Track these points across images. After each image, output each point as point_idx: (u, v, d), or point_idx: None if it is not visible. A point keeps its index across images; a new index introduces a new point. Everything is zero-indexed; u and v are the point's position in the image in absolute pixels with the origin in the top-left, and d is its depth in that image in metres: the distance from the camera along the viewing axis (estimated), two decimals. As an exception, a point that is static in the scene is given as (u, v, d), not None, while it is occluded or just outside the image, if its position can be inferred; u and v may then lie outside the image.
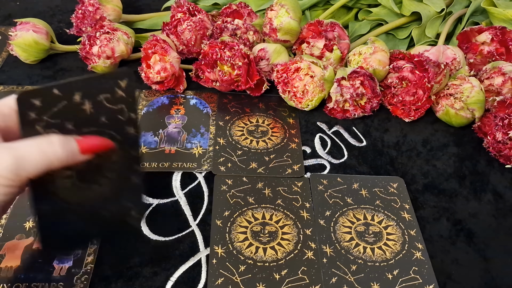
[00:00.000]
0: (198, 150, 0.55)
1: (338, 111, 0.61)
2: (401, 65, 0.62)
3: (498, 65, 0.61)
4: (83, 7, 0.68)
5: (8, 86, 0.63)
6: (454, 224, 0.50)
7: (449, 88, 0.60)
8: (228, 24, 0.65)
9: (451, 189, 0.54)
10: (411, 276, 0.44)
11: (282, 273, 0.43)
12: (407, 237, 0.48)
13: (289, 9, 0.63)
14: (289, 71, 0.60)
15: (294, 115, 0.62)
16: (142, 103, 0.61)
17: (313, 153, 0.57)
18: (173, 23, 0.65)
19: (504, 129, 0.55)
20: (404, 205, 0.51)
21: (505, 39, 0.63)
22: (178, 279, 0.43)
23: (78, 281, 0.41)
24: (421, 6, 0.70)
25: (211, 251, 0.45)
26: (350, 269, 0.44)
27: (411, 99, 0.61)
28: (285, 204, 0.50)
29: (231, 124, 0.59)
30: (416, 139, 0.60)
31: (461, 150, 0.59)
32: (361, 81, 0.60)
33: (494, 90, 0.61)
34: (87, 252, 0.44)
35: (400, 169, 0.56)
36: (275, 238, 0.46)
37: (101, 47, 0.62)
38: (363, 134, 0.60)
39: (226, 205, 0.49)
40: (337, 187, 0.52)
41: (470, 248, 0.48)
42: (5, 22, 0.77)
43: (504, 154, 0.56)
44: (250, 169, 0.53)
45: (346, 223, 0.48)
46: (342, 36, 0.65)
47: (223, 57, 0.59)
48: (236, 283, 0.42)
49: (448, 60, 0.62)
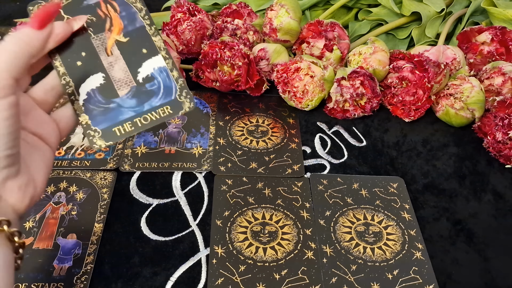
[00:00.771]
0: (198, 150, 0.55)
1: (338, 111, 0.61)
2: (401, 65, 0.62)
3: (498, 65, 0.61)
4: (83, 7, 0.68)
5: (8, 86, 0.63)
6: (454, 224, 0.50)
7: (449, 88, 0.60)
8: (228, 24, 0.65)
9: (451, 189, 0.54)
10: (411, 276, 0.44)
11: (282, 273, 0.43)
12: (407, 237, 0.48)
13: (289, 9, 0.63)
14: (289, 71, 0.60)
15: (294, 115, 0.62)
16: (142, 103, 0.61)
17: (313, 153, 0.57)
18: (173, 23, 0.65)
19: (504, 129, 0.55)
20: (404, 205, 0.51)
21: (505, 39, 0.63)
22: (178, 279, 0.43)
23: (78, 281, 0.41)
24: (421, 6, 0.70)
25: (211, 251, 0.45)
26: (350, 269, 0.44)
27: (411, 99, 0.61)
28: (285, 204, 0.50)
29: (231, 124, 0.59)
30: (416, 139, 0.60)
31: (461, 150, 0.59)
32: (361, 81, 0.60)
33: (494, 90, 0.61)
34: (87, 252, 0.44)
35: (400, 169, 0.56)
36: (275, 238, 0.46)
37: (101, 47, 0.62)
38: (363, 134, 0.60)
39: (226, 205, 0.49)
40: (337, 187, 0.52)
41: (470, 248, 0.48)
42: (5, 22, 0.77)
43: (504, 154, 0.56)
44: (250, 169, 0.53)
45: (346, 223, 0.48)
46: (342, 36, 0.65)
47: (223, 57, 0.59)
48: (236, 283, 0.42)
49: (448, 60, 0.62)
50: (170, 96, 0.40)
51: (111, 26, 0.42)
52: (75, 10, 0.42)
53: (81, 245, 0.44)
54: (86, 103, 0.39)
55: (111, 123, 0.39)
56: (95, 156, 0.53)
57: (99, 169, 0.52)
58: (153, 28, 0.42)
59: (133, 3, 0.42)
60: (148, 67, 0.41)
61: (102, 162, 0.52)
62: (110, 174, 0.51)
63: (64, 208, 0.47)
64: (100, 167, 0.52)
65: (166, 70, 0.41)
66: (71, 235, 0.45)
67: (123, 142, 0.55)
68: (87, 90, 0.40)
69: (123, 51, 0.41)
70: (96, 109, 0.39)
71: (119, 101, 0.40)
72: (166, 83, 0.40)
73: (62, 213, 0.47)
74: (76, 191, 0.49)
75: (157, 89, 0.40)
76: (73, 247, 0.44)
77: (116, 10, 0.42)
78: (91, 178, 0.51)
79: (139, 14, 0.42)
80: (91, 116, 0.39)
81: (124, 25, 0.42)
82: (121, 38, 0.41)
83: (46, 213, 0.47)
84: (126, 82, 0.41)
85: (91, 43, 0.41)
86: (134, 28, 0.42)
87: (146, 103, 0.40)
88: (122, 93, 0.40)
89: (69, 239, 0.45)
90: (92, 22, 0.41)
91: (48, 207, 0.47)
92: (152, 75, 0.41)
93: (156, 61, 0.41)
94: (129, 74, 0.41)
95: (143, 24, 0.42)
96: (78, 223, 0.46)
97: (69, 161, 0.52)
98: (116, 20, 0.42)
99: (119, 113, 0.39)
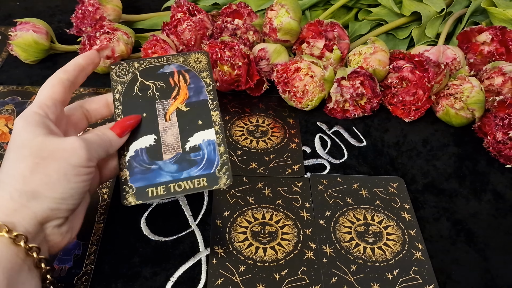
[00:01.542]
0: (198, 150, 0.55)
1: (338, 111, 0.61)
2: (401, 65, 0.62)
3: (498, 65, 0.61)
4: (83, 7, 0.68)
5: (8, 86, 0.63)
6: (454, 224, 0.50)
7: (449, 88, 0.60)
8: (228, 24, 0.65)
9: (451, 189, 0.54)
10: (411, 276, 0.44)
11: (282, 273, 0.43)
12: (407, 237, 0.48)
13: (289, 9, 0.63)
14: (289, 71, 0.60)
15: (294, 115, 0.62)
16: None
17: (313, 153, 0.57)
18: (173, 23, 0.65)
19: (504, 129, 0.55)
20: (404, 205, 0.51)
21: (505, 39, 0.63)
22: (178, 279, 0.43)
23: (79, 281, 0.41)
24: (421, 6, 0.70)
25: (211, 251, 0.45)
26: (350, 269, 0.44)
27: (411, 99, 0.61)
28: (285, 204, 0.50)
29: (231, 124, 0.59)
30: (416, 139, 0.60)
31: (461, 150, 0.59)
32: (361, 81, 0.60)
33: (494, 90, 0.61)
34: (87, 252, 0.44)
35: (400, 169, 0.56)
36: (275, 238, 0.46)
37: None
38: (363, 134, 0.60)
39: (226, 205, 0.49)
40: (337, 187, 0.52)
41: (470, 248, 0.48)
42: (5, 22, 0.77)
43: (504, 154, 0.56)
44: (250, 169, 0.53)
45: (346, 223, 0.48)
46: (342, 36, 0.65)
47: (223, 57, 0.59)
48: (236, 283, 0.42)
49: (448, 60, 0.62)
50: (210, 169, 0.41)
51: (177, 94, 0.44)
52: (150, 75, 0.45)
53: (81, 245, 0.44)
54: (131, 160, 0.41)
55: (147, 183, 0.40)
56: (95, 156, 0.53)
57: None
58: (215, 103, 0.44)
59: (204, 78, 0.45)
60: (198, 138, 0.42)
61: (102, 162, 0.52)
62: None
63: (64, 208, 0.47)
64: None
65: (214, 144, 0.42)
66: (71, 235, 0.45)
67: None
68: (136, 148, 0.42)
69: (180, 119, 0.43)
70: (138, 167, 0.41)
71: (161, 164, 0.41)
72: (210, 156, 0.41)
73: (62, 213, 0.47)
74: (76, 191, 0.49)
75: (200, 160, 0.41)
76: (73, 248, 0.44)
77: (187, 81, 0.45)
78: (91, 178, 0.51)
79: (205, 89, 0.45)
80: (131, 173, 0.41)
81: (189, 96, 0.44)
82: (183, 107, 0.44)
83: (46, 213, 0.47)
84: (173, 148, 0.42)
85: (154, 107, 0.43)
86: (197, 100, 0.44)
87: (185, 171, 0.41)
88: (166, 157, 0.42)
89: (69, 239, 0.45)
90: (162, 89, 0.44)
91: (48, 207, 0.47)
92: (200, 145, 0.42)
93: (207, 133, 0.42)
94: (179, 141, 0.42)
95: (207, 98, 0.44)
96: (78, 223, 0.46)
97: (69, 161, 0.52)
98: (184, 90, 0.44)
99: (158, 175, 0.41)
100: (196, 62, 0.46)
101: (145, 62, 0.45)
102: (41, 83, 0.40)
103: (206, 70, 0.45)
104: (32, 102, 0.59)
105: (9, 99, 0.60)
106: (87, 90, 0.62)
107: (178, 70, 0.45)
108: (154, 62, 0.45)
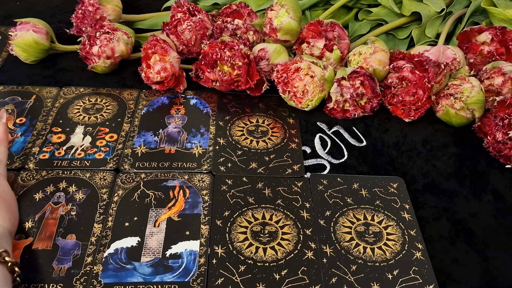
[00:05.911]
0: (198, 150, 0.55)
1: (338, 111, 0.61)
2: (401, 65, 0.62)
3: (498, 65, 0.61)
4: (83, 7, 0.68)
5: (8, 86, 0.63)
6: (454, 224, 0.50)
7: (449, 88, 0.60)
8: (228, 24, 0.65)
9: (451, 189, 0.54)
10: (411, 276, 0.44)
11: (282, 273, 0.43)
12: (407, 237, 0.48)
13: (289, 9, 0.63)
14: (289, 71, 0.60)
15: (294, 115, 0.62)
16: (142, 103, 0.61)
17: (313, 153, 0.57)
18: (173, 23, 0.65)
19: (504, 129, 0.55)
20: (404, 205, 0.51)
21: (505, 39, 0.63)
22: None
23: (78, 282, 0.41)
24: (421, 6, 0.70)
25: (211, 251, 0.45)
26: (350, 269, 0.44)
27: (411, 99, 0.61)
28: (285, 204, 0.50)
29: (231, 124, 0.59)
30: (416, 139, 0.60)
31: (461, 150, 0.59)
32: (361, 81, 0.59)
33: (494, 90, 0.61)
34: (87, 252, 0.44)
35: (400, 169, 0.55)
36: (275, 238, 0.46)
37: (101, 47, 0.62)
38: (363, 134, 0.60)
39: (226, 205, 0.49)
40: (337, 187, 0.52)
41: (470, 248, 0.48)
42: (5, 22, 0.77)
43: (504, 154, 0.56)
44: (250, 169, 0.53)
45: (346, 223, 0.48)
46: (342, 36, 0.65)
47: (223, 57, 0.59)
48: (236, 283, 0.42)
49: (448, 60, 0.62)
50: (185, 277, 0.42)
51: (172, 205, 0.47)
52: (153, 186, 0.49)
53: (80, 245, 0.44)
54: (109, 257, 0.43)
55: (116, 280, 0.41)
56: (95, 156, 0.53)
57: (99, 169, 0.52)
58: (207, 218, 0.46)
59: (203, 196, 0.48)
60: (181, 247, 0.44)
61: (102, 162, 0.52)
62: (109, 174, 0.51)
63: (63, 209, 0.47)
64: (100, 167, 0.52)
65: (196, 255, 0.43)
66: (70, 235, 0.45)
67: (123, 141, 0.55)
68: (117, 246, 0.43)
69: (169, 228, 0.45)
70: (113, 264, 0.42)
71: (137, 265, 0.42)
72: (188, 265, 0.43)
73: (62, 213, 0.47)
74: (75, 191, 0.49)
75: (177, 268, 0.42)
76: (72, 248, 0.44)
77: (186, 195, 0.48)
78: (90, 178, 0.50)
79: (202, 205, 0.48)
80: (104, 268, 0.42)
81: (184, 208, 0.47)
82: (175, 217, 0.46)
83: (45, 213, 0.47)
84: (153, 252, 0.43)
85: (148, 213, 0.46)
86: (191, 213, 0.47)
87: (158, 276, 0.42)
88: (144, 259, 0.43)
89: (68, 239, 0.44)
90: (160, 199, 0.48)
91: (47, 207, 0.47)
92: (181, 254, 0.43)
93: (192, 244, 0.44)
94: (161, 246, 0.44)
95: (201, 213, 0.47)
96: (78, 224, 0.46)
97: (68, 161, 0.52)
98: (180, 203, 0.47)
99: (130, 275, 0.42)
100: (199, 181, 0.49)
101: (151, 174, 0.49)
102: (41, 83, 0.40)
103: (207, 189, 0.49)
104: (32, 102, 0.60)
105: (9, 99, 0.60)
106: (87, 90, 0.62)
107: (180, 185, 0.49)
108: (160, 175, 0.50)
